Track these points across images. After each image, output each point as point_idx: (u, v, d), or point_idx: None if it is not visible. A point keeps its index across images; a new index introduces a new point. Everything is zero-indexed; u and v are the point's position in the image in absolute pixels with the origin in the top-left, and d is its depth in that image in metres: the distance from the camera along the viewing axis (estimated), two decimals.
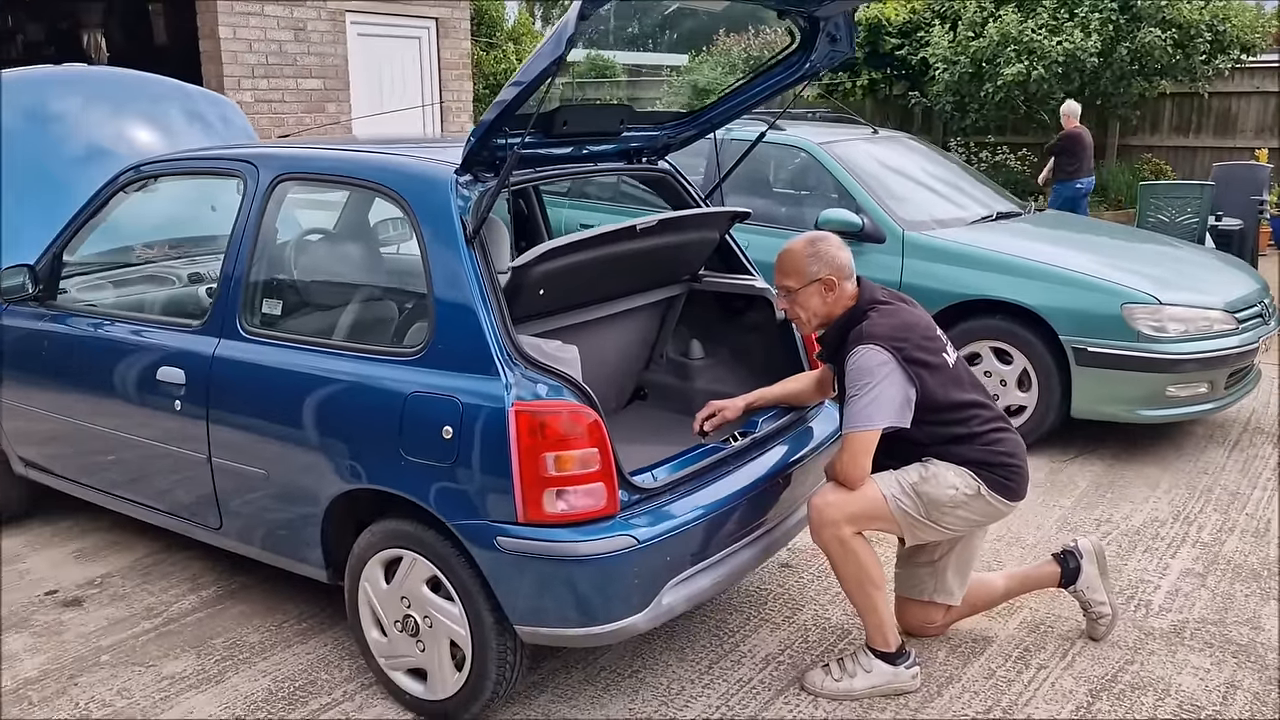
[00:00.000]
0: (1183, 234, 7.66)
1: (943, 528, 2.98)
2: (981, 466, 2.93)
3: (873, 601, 2.99)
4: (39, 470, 3.94)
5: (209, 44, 7.06)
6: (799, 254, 2.99)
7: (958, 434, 2.93)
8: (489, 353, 2.66)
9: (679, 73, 16.66)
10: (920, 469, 2.94)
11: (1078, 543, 3.32)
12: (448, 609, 2.78)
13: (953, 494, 2.91)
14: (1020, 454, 3.02)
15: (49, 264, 3.74)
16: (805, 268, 2.97)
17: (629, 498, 2.71)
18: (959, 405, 2.94)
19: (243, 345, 3.12)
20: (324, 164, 3.20)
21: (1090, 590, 3.27)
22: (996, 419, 3.02)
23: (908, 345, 2.85)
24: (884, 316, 2.91)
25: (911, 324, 2.95)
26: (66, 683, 3.14)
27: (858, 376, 2.82)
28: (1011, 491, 2.98)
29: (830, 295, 2.97)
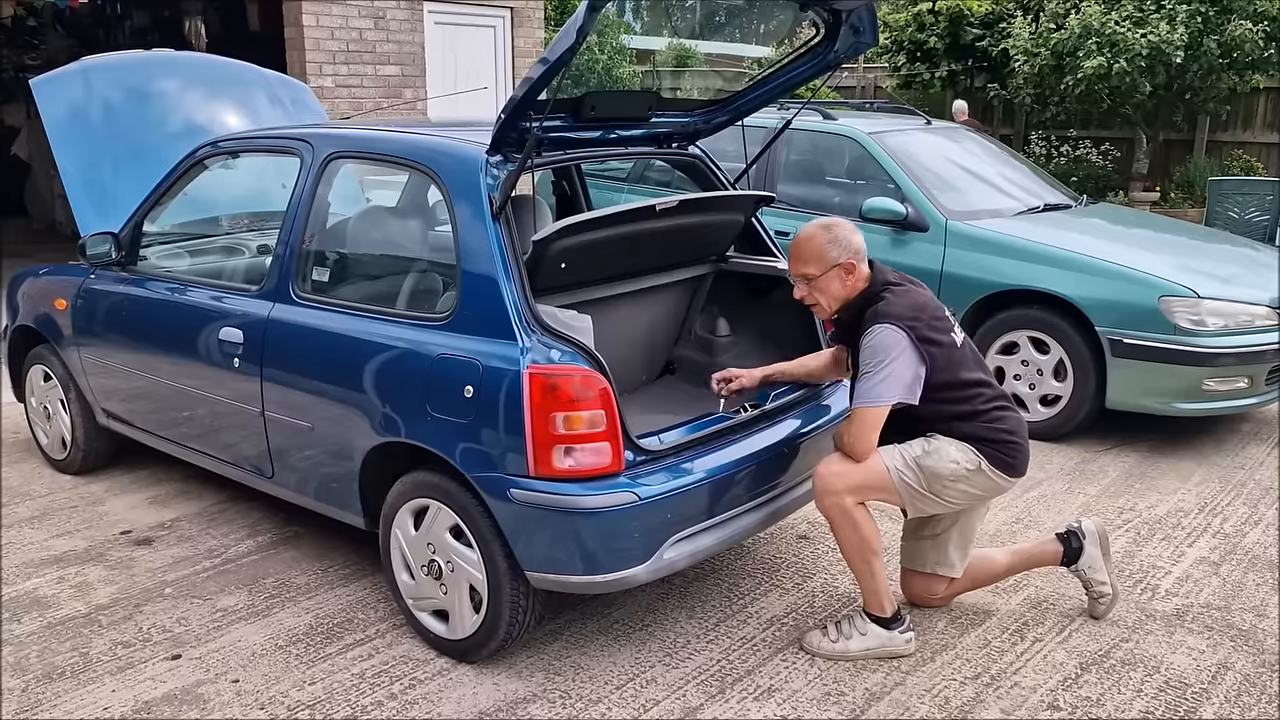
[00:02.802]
0: (1252, 231, 7.54)
1: (944, 501, 3.11)
2: (983, 442, 3.05)
3: (871, 568, 3.14)
4: (119, 422, 4.31)
5: (293, 31, 7.44)
6: (818, 241, 3.08)
7: (962, 411, 3.05)
8: (508, 319, 2.89)
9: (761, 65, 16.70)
10: (924, 443, 3.07)
11: (1081, 523, 3.41)
12: (468, 555, 3.02)
13: (954, 468, 3.04)
14: (1021, 432, 3.12)
15: (130, 232, 4.09)
16: (825, 253, 3.06)
17: (634, 458, 2.91)
18: (965, 384, 3.06)
19: (294, 309, 3.41)
20: (371, 143, 3.48)
21: (1092, 570, 3.36)
22: (999, 397, 3.13)
23: (920, 324, 2.97)
24: (898, 297, 3.03)
25: (923, 304, 3.06)
26: (133, 610, 3.48)
27: (873, 354, 2.94)
28: (1011, 467, 3.09)
29: (850, 279, 3.07)
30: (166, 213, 4.18)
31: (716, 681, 3.06)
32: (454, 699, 2.98)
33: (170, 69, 5.06)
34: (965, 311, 5.20)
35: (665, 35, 20.66)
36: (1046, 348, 5.01)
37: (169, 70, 5.03)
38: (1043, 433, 5.06)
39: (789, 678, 3.08)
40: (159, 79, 4.91)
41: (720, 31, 21.16)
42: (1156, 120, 12.65)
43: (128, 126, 4.72)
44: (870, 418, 2.97)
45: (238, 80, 5.25)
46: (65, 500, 4.37)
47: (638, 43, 18.22)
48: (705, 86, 16.80)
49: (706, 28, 20.54)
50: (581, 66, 15.30)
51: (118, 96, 4.72)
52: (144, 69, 4.93)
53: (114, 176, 4.56)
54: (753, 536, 3.91)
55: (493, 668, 3.12)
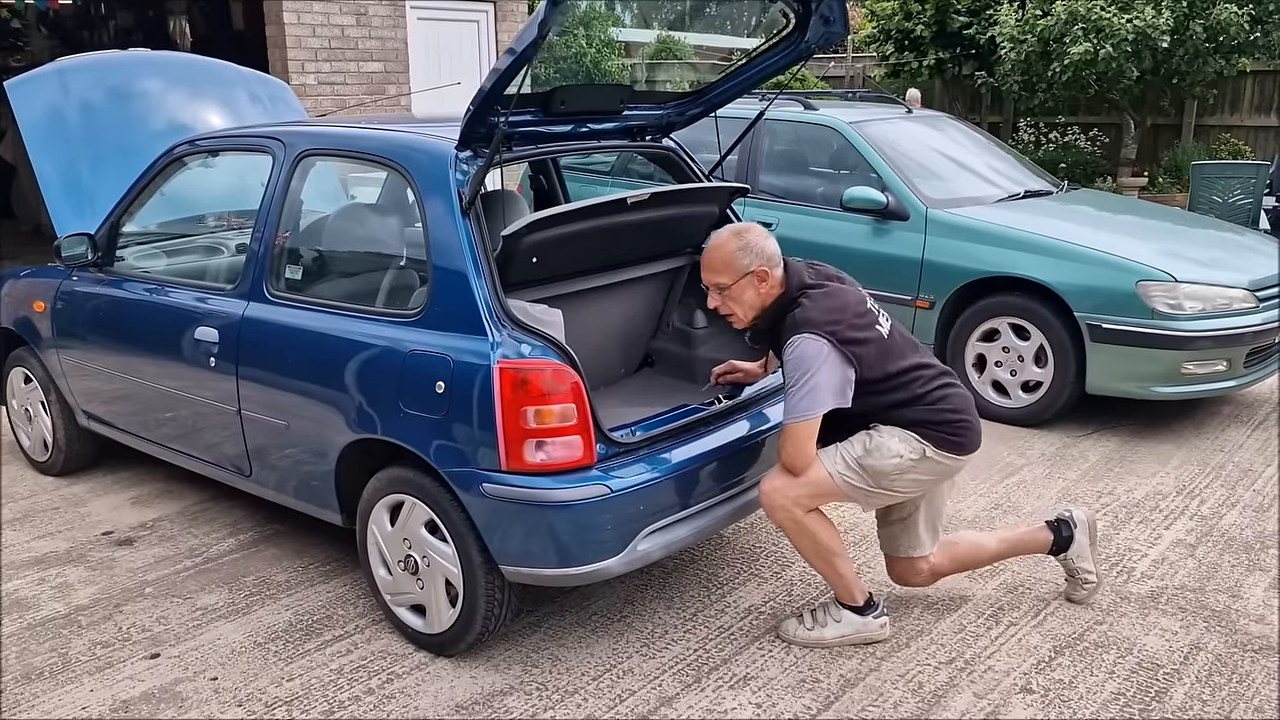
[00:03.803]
0: (1235, 215, 7.56)
1: (896, 492, 3.08)
2: (927, 426, 3.00)
3: (834, 567, 3.14)
4: (99, 423, 4.31)
5: (274, 29, 7.44)
6: (728, 249, 3.00)
7: (901, 399, 3.00)
8: (478, 315, 2.90)
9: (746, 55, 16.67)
10: (865, 439, 3.01)
11: (1071, 512, 3.41)
12: (443, 549, 3.03)
13: (897, 462, 2.98)
14: (965, 408, 3.07)
15: (106, 233, 4.09)
16: (736, 262, 2.98)
17: (607, 451, 2.93)
18: (900, 373, 3.00)
19: (268, 307, 3.42)
20: (342, 140, 3.49)
21: (1079, 559, 3.37)
22: (939, 376, 3.07)
23: (841, 326, 2.89)
24: (815, 302, 2.95)
25: (842, 304, 2.97)
26: (112, 610, 3.49)
27: (796, 367, 2.87)
28: (959, 446, 3.04)
29: (763, 286, 3.00)
30: (142, 213, 4.18)
31: (693, 671, 3.08)
32: (431, 692, 3.00)
33: (148, 69, 5.05)
34: (946, 299, 5.22)
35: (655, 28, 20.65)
36: (1027, 334, 5.03)
37: (147, 70, 5.02)
38: (1024, 419, 5.09)
39: (765, 666, 3.10)
40: (136, 79, 4.90)
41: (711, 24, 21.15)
42: (1144, 105, 12.66)
43: (105, 127, 4.71)
44: (803, 432, 2.92)
45: (217, 79, 5.24)
46: (47, 502, 4.38)
47: (626, 35, 18.20)
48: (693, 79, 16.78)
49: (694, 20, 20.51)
50: (569, 59, 15.30)
51: (94, 97, 4.71)
52: (121, 69, 4.93)
53: (92, 178, 4.55)
54: (730, 527, 3.94)
55: (470, 661, 3.14)
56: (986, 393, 5.17)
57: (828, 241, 5.57)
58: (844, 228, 5.58)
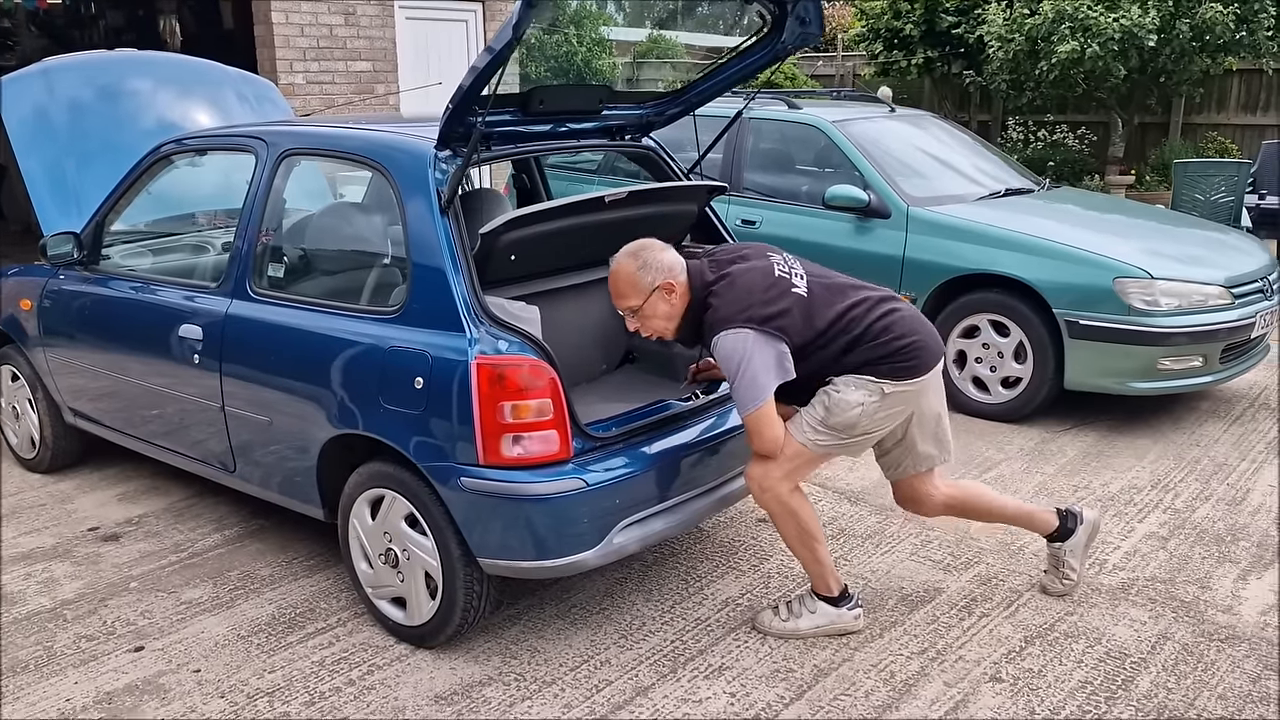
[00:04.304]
0: (1217, 212, 7.62)
1: (874, 433, 3.08)
2: (878, 363, 2.98)
3: (814, 553, 3.19)
4: (86, 420, 4.35)
5: (262, 29, 7.47)
6: (628, 270, 3.01)
7: (845, 344, 2.99)
8: (456, 311, 2.94)
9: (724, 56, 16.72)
10: (824, 400, 3.02)
11: (1083, 511, 3.43)
12: (423, 543, 3.08)
13: (860, 410, 2.99)
14: (910, 330, 3.03)
15: (92, 232, 4.13)
16: (640, 281, 2.99)
17: (583, 445, 2.97)
18: (833, 322, 2.99)
19: (251, 305, 3.46)
20: (323, 140, 3.53)
21: (1069, 554, 3.40)
22: (875, 307, 3.04)
23: (754, 309, 2.90)
24: (721, 296, 2.96)
25: (749, 287, 2.96)
26: (98, 604, 3.53)
27: (728, 363, 2.91)
28: (915, 369, 3.02)
29: (672, 297, 3.01)
30: (127, 212, 4.22)
31: (669, 661, 3.13)
32: (411, 683, 3.04)
33: (134, 68, 5.08)
34: (927, 296, 5.27)
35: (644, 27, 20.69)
36: (1007, 330, 5.08)
37: (133, 70, 5.05)
38: (1004, 414, 5.14)
39: (740, 656, 3.15)
40: (122, 78, 4.93)
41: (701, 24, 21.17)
42: (1131, 104, 12.73)
43: (91, 126, 4.74)
44: (761, 418, 2.94)
45: (204, 78, 5.27)
46: (34, 499, 4.41)
47: (618, 34, 18.23)
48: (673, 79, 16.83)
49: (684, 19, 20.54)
50: (560, 58, 15.33)
51: (80, 96, 4.74)
52: (107, 69, 4.96)
53: (78, 177, 4.58)
54: (709, 521, 4.00)
55: (450, 652, 3.19)
56: (967, 389, 5.23)
57: (810, 239, 5.62)
58: (827, 225, 5.63)
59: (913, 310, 3.13)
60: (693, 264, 3.06)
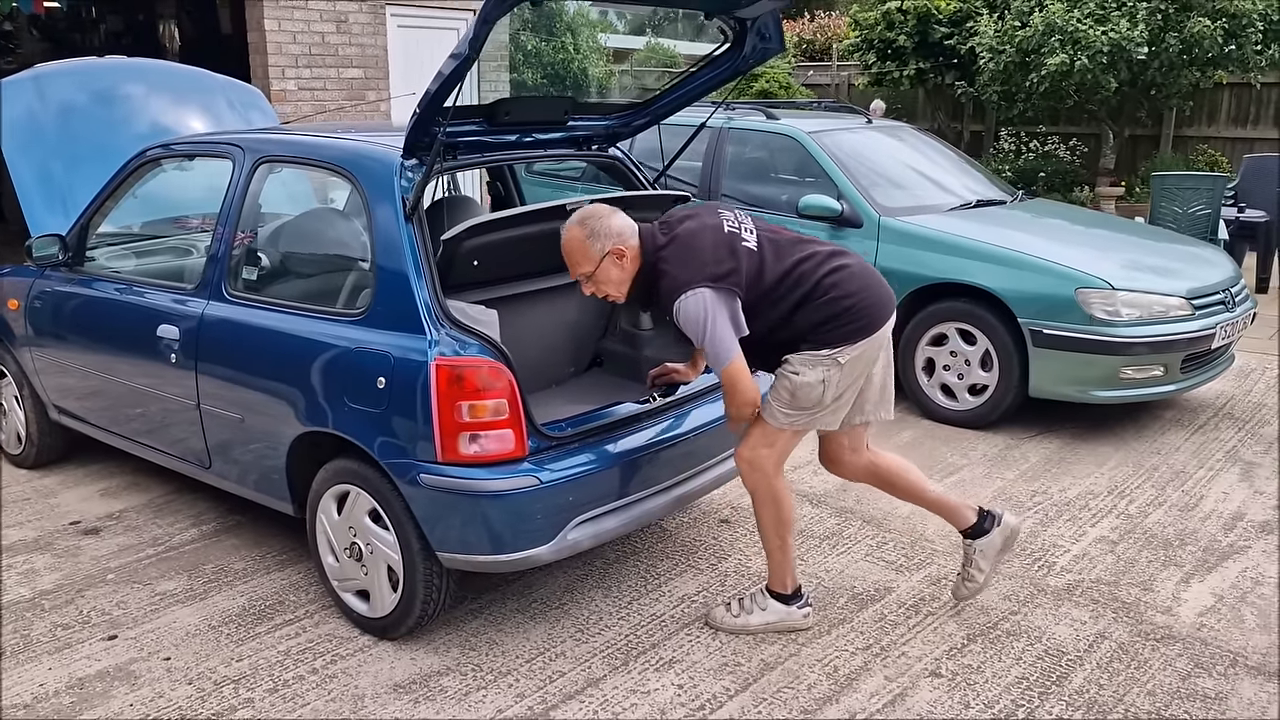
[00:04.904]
0: (1194, 225, 7.73)
1: (843, 399, 3.14)
2: (828, 326, 3.03)
3: (784, 543, 3.28)
4: (70, 417, 4.47)
5: (255, 36, 7.60)
6: (578, 239, 3.06)
7: (794, 300, 3.04)
8: (418, 314, 3.06)
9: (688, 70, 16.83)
10: (787, 385, 3.08)
11: (1004, 514, 3.45)
12: (385, 537, 3.19)
13: (821, 385, 3.06)
14: (859, 287, 3.08)
15: (77, 234, 4.25)
16: (589, 249, 3.04)
17: (538, 444, 3.09)
18: (781, 277, 3.04)
19: (226, 306, 3.58)
20: (295, 148, 3.65)
21: (980, 555, 3.40)
22: (823, 263, 3.08)
23: (706, 266, 2.95)
24: (672, 262, 2.99)
25: (698, 247, 3.00)
26: (75, 595, 3.64)
27: (691, 325, 2.95)
28: (866, 328, 3.07)
29: (623, 260, 3.06)
30: (111, 215, 4.34)
31: (621, 655, 3.24)
32: (372, 673, 3.15)
33: (124, 75, 5.20)
34: (898, 304, 5.32)
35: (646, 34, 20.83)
36: (974, 339, 5.19)
37: (122, 76, 5.17)
38: (971, 421, 5.25)
39: (690, 650, 3.26)
40: (111, 84, 5.06)
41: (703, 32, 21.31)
42: (1122, 116, 12.85)
43: (81, 131, 4.87)
44: (732, 374, 2.99)
45: (191, 85, 5.40)
46: (19, 493, 4.53)
47: (615, 41, 18.38)
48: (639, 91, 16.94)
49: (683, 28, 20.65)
50: (557, 65, 15.46)
51: (71, 101, 4.88)
52: (97, 75, 5.09)
53: (66, 180, 4.71)
54: (671, 521, 4.11)
55: (412, 644, 3.30)
56: (935, 395, 5.34)
57: None
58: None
59: (861, 264, 3.15)
60: (644, 228, 3.11)
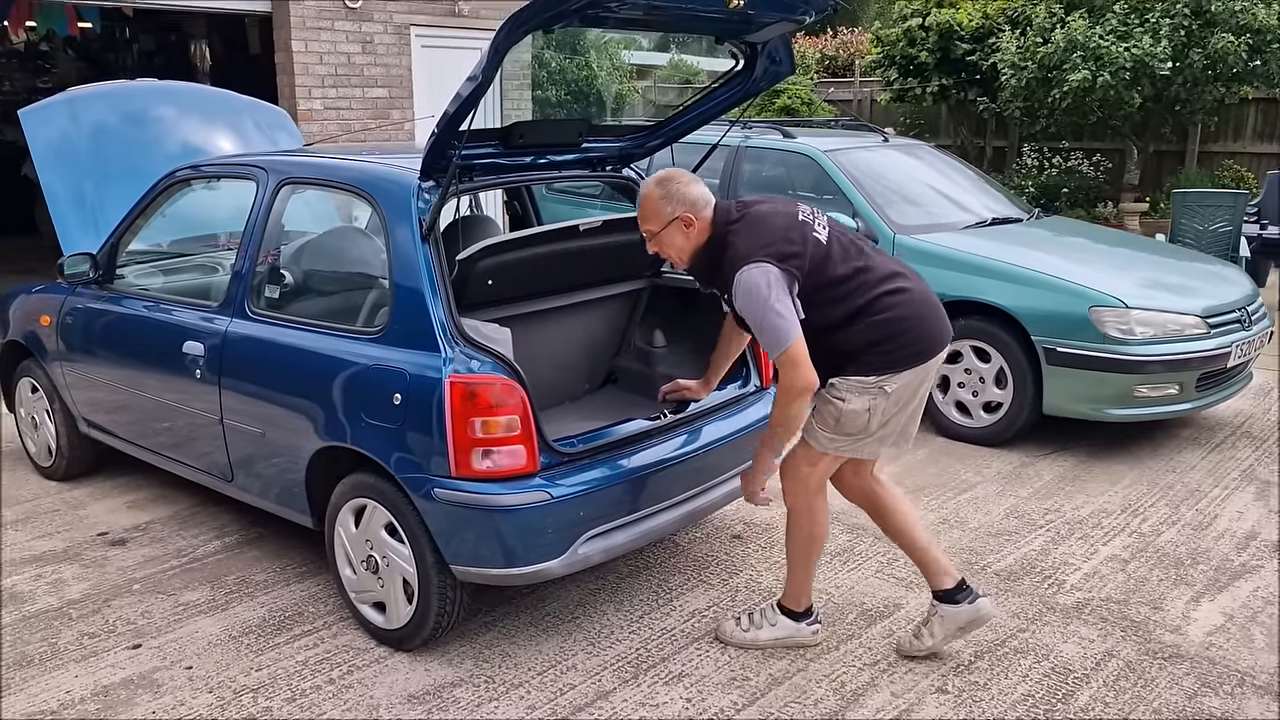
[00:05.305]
0: (1216, 242, 7.71)
1: (888, 429, 3.10)
2: (879, 349, 2.98)
3: (808, 563, 3.31)
4: (99, 431, 4.58)
5: (283, 56, 7.76)
6: (653, 198, 3.07)
7: (849, 310, 3.00)
8: (433, 332, 3.14)
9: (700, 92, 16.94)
10: (832, 410, 3.05)
11: (983, 597, 3.28)
12: (400, 550, 3.27)
13: (867, 413, 3.03)
14: (913, 313, 3.04)
15: (108, 252, 4.37)
16: (660, 210, 3.06)
17: (550, 460, 3.15)
18: (843, 278, 3.01)
19: (249, 324, 3.68)
20: (317, 170, 3.75)
21: (939, 622, 3.26)
22: (882, 282, 3.04)
23: (774, 245, 2.93)
24: (740, 234, 2.98)
25: (770, 227, 2.99)
26: (101, 605, 3.74)
27: (748, 303, 2.90)
28: (916, 358, 3.03)
29: (690, 230, 3.05)
30: (141, 234, 4.46)
31: (631, 668, 3.29)
32: (387, 684, 3.22)
33: (154, 97, 5.35)
34: None
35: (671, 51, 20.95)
36: (988, 356, 5.21)
37: (152, 98, 5.32)
38: (986, 438, 5.27)
39: (699, 664, 3.31)
40: (141, 106, 5.20)
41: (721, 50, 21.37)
42: (1146, 132, 12.82)
43: (113, 151, 5.01)
44: (793, 355, 2.88)
45: (220, 106, 5.54)
46: (49, 504, 4.65)
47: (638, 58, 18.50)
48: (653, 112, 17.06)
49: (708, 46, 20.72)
50: (580, 83, 15.60)
51: (102, 122, 5.01)
52: (128, 97, 5.23)
53: (98, 199, 4.84)
54: (684, 535, 4.16)
55: (426, 655, 3.37)
56: (950, 412, 5.37)
57: None
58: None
59: (922, 289, 3.12)
60: (721, 203, 3.11)
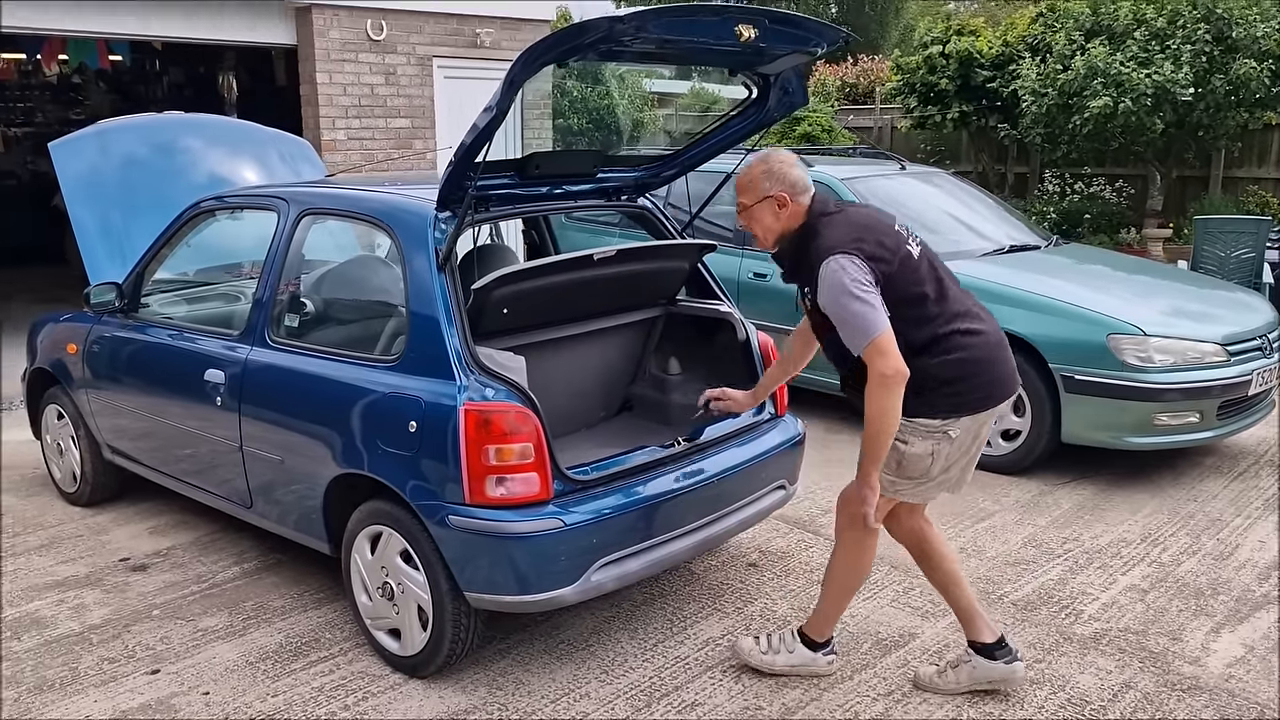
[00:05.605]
0: (1239, 268, 7.66)
1: (950, 473, 3.10)
2: (945, 390, 2.93)
3: (844, 595, 3.29)
4: (122, 457, 4.65)
5: (307, 88, 7.88)
6: (754, 172, 3.05)
7: (918, 340, 2.91)
8: (448, 361, 3.18)
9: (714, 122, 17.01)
10: (895, 454, 2.98)
11: (1019, 662, 3.24)
12: (415, 577, 3.29)
13: (930, 458, 3.01)
14: (985, 356, 3.00)
15: (133, 281, 4.45)
16: (758, 185, 3.03)
17: (564, 487, 3.18)
18: (918, 299, 2.94)
19: (268, 352, 3.73)
20: (336, 200, 3.82)
21: (969, 672, 3.24)
22: (961, 316, 2.99)
23: (865, 242, 2.89)
24: (834, 225, 2.95)
25: (863, 225, 2.97)
26: (121, 630, 3.78)
27: (835, 292, 2.84)
28: (981, 403, 3.00)
29: (783, 211, 3.02)
30: (165, 263, 4.54)
31: (645, 696, 3.29)
32: (401, 711, 3.24)
33: (182, 129, 5.46)
34: None
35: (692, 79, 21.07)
36: None
37: (180, 130, 5.43)
38: (1005, 466, 5.24)
39: (713, 693, 3.30)
40: (171, 138, 5.30)
41: None
42: (1169, 157, 12.76)
43: (140, 182, 5.10)
44: (880, 344, 2.79)
45: (245, 138, 5.64)
46: (73, 530, 4.71)
47: (659, 86, 18.62)
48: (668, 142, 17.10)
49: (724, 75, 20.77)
50: (601, 111, 15.73)
51: (131, 154, 5.12)
52: (155, 130, 5.34)
53: (125, 229, 4.94)
54: (699, 563, 4.16)
55: (441, 682, 3.38)
56: None
57: None
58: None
59: (996, 335, 3.07)
60: (821, 195, 3.09)
